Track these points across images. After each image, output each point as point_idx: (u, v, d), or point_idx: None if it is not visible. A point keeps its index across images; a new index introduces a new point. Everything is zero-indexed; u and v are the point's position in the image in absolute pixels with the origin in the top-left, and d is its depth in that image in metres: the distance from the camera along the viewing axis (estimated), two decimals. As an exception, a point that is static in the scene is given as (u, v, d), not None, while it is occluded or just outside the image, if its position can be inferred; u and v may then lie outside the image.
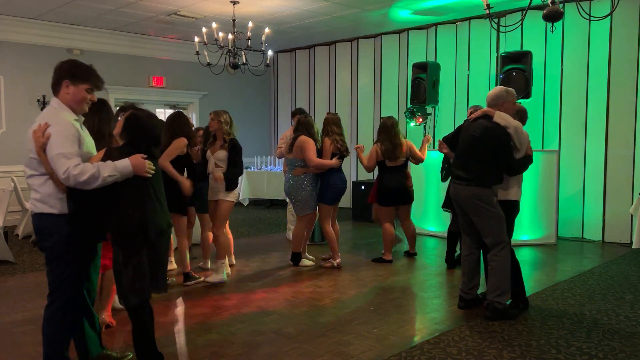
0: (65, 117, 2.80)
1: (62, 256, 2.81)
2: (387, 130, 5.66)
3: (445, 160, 5.47)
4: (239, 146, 4.93)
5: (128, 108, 3.18)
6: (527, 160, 4.05)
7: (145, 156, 2.86)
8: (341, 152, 5.50)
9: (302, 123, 5.54)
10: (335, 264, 5.53)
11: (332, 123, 5.55)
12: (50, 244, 2.82)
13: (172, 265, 5.40)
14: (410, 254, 6.11)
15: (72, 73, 2.83)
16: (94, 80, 2.86)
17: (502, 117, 4.00)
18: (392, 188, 5.69)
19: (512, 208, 4.12)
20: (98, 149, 3.03)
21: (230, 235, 5.46)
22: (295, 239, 5.65)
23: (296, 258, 5.67)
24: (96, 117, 3.31)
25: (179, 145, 4.72)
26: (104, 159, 2.80)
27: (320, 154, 5.46)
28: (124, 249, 2.85)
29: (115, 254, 2.89)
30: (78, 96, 2.84)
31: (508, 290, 4.00)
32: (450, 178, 5.30)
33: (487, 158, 4.00)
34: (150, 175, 2.86)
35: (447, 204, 5.49)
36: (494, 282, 4.00)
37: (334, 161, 5.44)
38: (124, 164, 2.76)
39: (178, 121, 4.89)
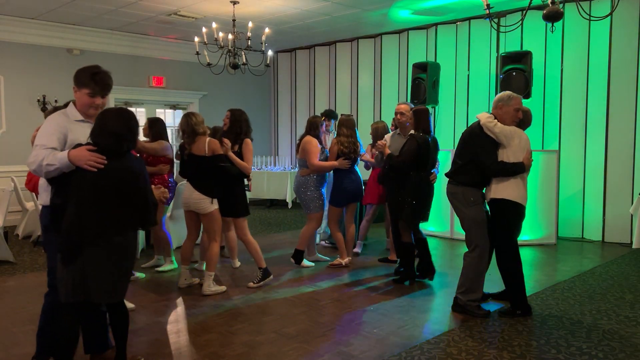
0: (58, 118, 2.88)
1: (47, 246, 2.96)
2: None
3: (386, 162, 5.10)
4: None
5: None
6: (515, 166, 3.97)
7: (95, 148, 2.71)
8: (347, 154, 5.41)
9: (309, 123, 5.59)
10: (344, 263, 5.55)
11: (341, 125, 5.52)
12: (42, 234, 3.02)
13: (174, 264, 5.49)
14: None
15: (76, 78, 2.89)
16: (92, 86, 2.85)
17: (480, 117, 4.10)
18: None
19: (508, 208, 4.05)
20: None
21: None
22: (302, 237, 5.61)
23: (298, 256, 5.64)
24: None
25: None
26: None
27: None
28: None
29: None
30: (81, 101, 2.90)
31: (473, 290, 4.12)
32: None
33: (465, 157, 4.12)
34: (95, 170, 2.68)
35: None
36: (461, 279, 4.19)
37: (337, 162, 5.38)
38: (63, 154, 2.69)
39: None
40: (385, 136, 5.47)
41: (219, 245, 4.69)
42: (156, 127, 5.42)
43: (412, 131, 4.92)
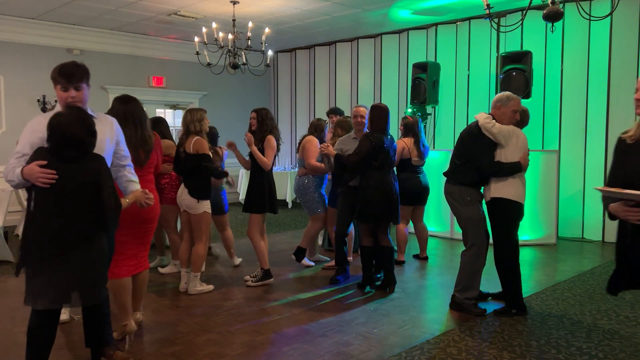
0: (35, 120, 2.90)
1: None
2: (417, 128, 5.64)
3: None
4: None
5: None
6: (512, 166, 3.97)
7: (45, 163, 2.63)
8: None
9: (313, 125, 5.61)
10: None
11: (337, 126, 5.49)
12: None
13: (174, 268, 5.47)
14: (421, 258, 6.02)
15: (51, 77, 2.91)
16: (59, 79, 2.87)
17: (478, 117, 4.12)
18: (419, 186, 5.65)
19: (507, 207, 4.03)
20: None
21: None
22: (306, 236, 5.56)
23: (300, 253, 5.57)
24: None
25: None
26: (32, 158, 2.72)
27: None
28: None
29: None
30: (59, 97, 2.93)
31: (470, 287, 4.17)
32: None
33: (463, 157, 4.15)
34: (47, 186, 2.61)
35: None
36: (459, 277, 4.24)
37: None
38: (19, 171, 2.68)
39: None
40: (339, 140, 5.14)
41: (204, 246, 4.68)
42: (159, 127, 5.41)
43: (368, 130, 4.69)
